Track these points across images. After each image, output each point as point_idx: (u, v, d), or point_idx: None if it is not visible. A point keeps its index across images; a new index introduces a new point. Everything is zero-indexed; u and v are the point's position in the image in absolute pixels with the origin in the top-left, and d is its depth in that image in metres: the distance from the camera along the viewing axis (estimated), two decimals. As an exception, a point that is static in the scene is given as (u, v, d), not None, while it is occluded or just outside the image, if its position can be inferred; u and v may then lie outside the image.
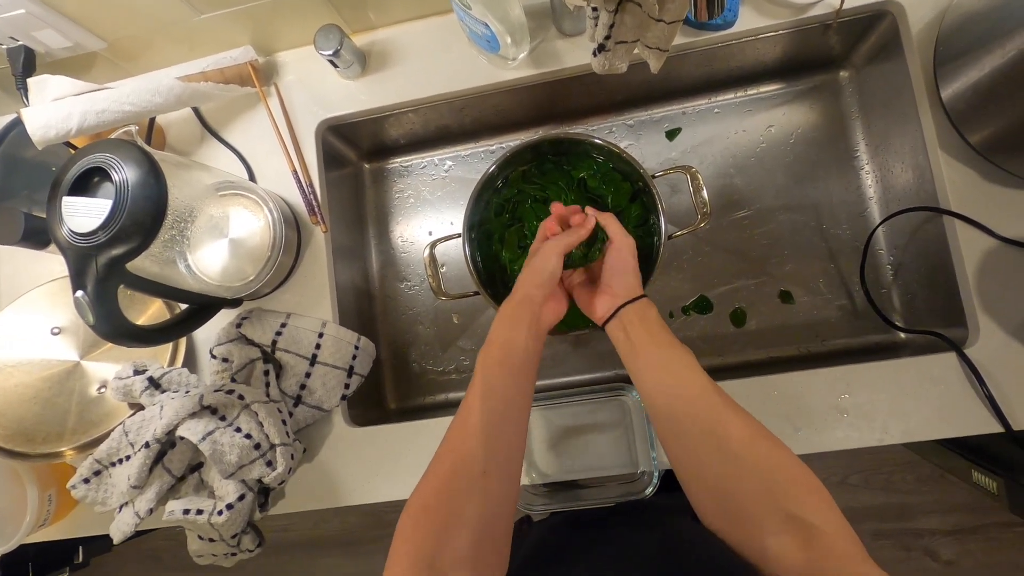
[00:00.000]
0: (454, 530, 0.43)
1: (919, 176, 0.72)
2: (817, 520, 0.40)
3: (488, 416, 0.49)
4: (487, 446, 0.48)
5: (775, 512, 0.42)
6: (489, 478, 0.47)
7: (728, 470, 0.45)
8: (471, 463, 0.47)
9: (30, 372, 0.74)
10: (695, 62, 0.79)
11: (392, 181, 0.96)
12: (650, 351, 0.54)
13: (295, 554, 1.67)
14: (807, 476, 0.43)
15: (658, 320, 0.56)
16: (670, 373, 0.52)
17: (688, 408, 0.49)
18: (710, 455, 0.46)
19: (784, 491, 0.43)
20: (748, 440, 0.45)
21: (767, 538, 0.41)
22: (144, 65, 0.82)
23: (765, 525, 0.42)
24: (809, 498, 0.42)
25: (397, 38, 0.81)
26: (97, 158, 0.54)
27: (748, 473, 0.44)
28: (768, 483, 0.43)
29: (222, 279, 0.71)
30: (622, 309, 0.57)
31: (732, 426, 0.46)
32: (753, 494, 0.43)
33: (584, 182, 0.79)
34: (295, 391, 0.73)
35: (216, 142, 0.83)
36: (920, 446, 1.04)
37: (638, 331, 0.55)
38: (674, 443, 0.50)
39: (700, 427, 0.48)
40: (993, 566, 1.39)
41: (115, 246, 0.53)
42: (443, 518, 0.44)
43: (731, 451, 0.45)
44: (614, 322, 0.57)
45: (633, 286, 0.58)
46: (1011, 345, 0.63)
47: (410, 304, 0.92)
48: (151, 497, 0.65)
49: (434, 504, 0.45)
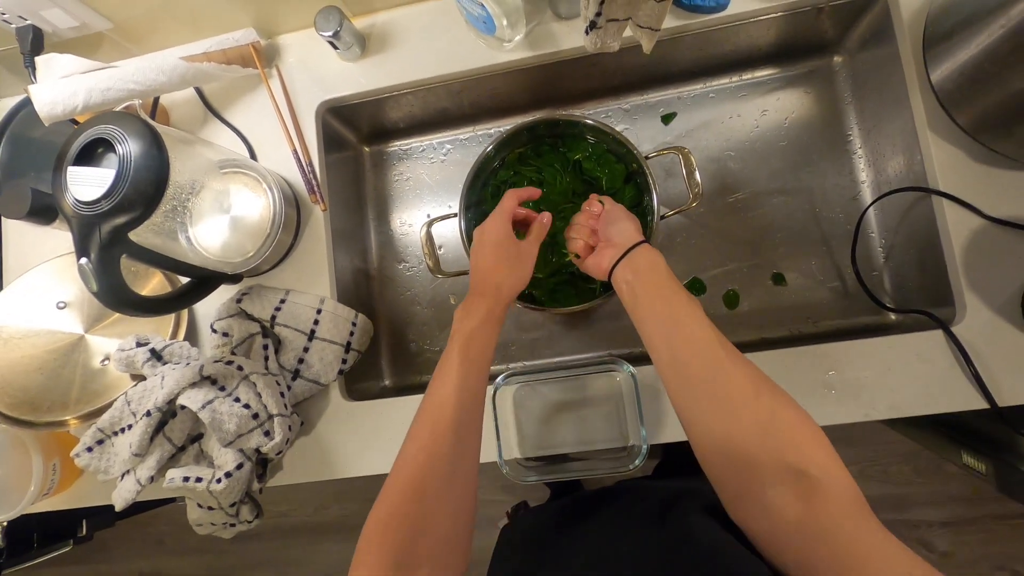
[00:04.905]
0: (422, 532, 0.43)
1: (910, 159, 0.73)
2: (817, 472, 0.39)
3: (461, 414, 0.49)
4: (457, 445, 0.48)
5: (774, 463, 0.41)
6: (456, 478, 0.47)
7: (729, 421, 0.44)
8: (441, 463, 0.47)
9: (36, 344, 0.76)
10: (689, 46, 0.80)
11: (391, 164, 0.97)
12: (655, 302, 0.52)
13: (295, 538, 1.69)
14: (809, 427, 0.42)
15: (663, 267, 0.55)
16: (674, 323, 0.50)
17: (691, 359, 0.48)
18: (712, 406, 0.46)
19: (785, 442, 0.42)
20: (751, 391, 0.44)
21: (766, 489, 0.40)
22: (149, 46, 0.83)
23: (764, 476, 0.41)
24: (810, 449, 0.41)
25: (396, 20, 0.82)
26: (101, 129, 0.56)
27: (749, 424, 0.43)
28: (768, 434, 0.42)
29: (222, 254, 0.73)
30: (624, 257, 0.56)
31: (734, 378, 0.46)
32: (753, 445, 0.42)
33: (579, 164, 0.80)
34: (293, 365, 0.75)
35: (218, 122, 0.84)
36: (911, 430, 1.05)
37: (643, 280, 0.54)
38: (678, 393, 0.49)
39: (702, 377, 0.47)
40: (988, 557, 1.39)
41: (118, 215, 0.55)
42: (412, 522, 0.44)
43: (733, 402, 0.45)
44: (618, 272, 0.56)
45: (631, 232, 0.58)
46: (996, 322, 0.64)
47: (408, 285, 0.94)
48: (152, 465, 0.67)
49: (403, 508, 0.45)
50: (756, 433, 0.43)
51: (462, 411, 0.49)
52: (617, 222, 0.59)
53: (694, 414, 0.47)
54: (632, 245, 0.57)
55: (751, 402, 0.44)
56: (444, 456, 0.47)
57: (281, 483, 0.76)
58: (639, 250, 0.56)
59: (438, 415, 0.49)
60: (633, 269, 0.55)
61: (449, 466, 0.47)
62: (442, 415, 0.49)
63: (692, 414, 0.47)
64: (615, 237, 0.58)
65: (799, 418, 0.43)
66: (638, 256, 0.56)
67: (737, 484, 0.43)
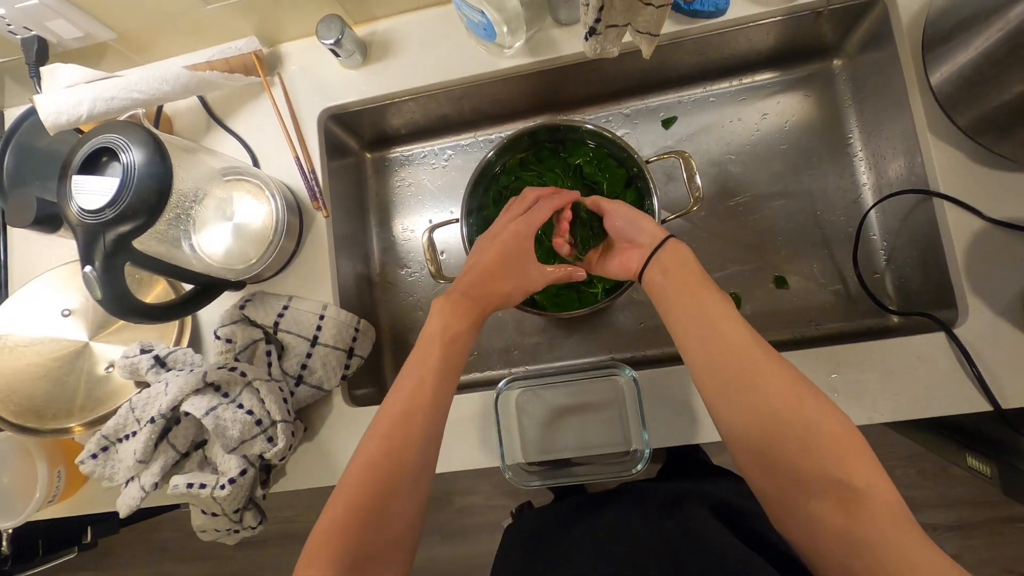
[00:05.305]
0: (378, 537, 0.43)
1: (910, 161, 0.73)
2: (860, 483, 0.38)
3: (432, 423, 0.48)
4: (425, 452, 0.47)
5: (817, 474, 0.39)
6: (420, 484, 0.47)
7: (769, 429, 0.42)
8: (407, 470, 0.46)
9: (41, 352, 0.76)
10: (689, 50, 0.80)
11: (393, 170, 0.97)
12: (687, 302, 0.50)
13: (300, 544, 1.66)
14: (853, 436, 0.40)
15: (693, 262, 0.52)
16: (709, 325, 0.48)
17: (727, 362, 0.46)
18: (750, 413, 0.43)
19: (826, 452, 0.40)
20: (790, 397, 0.42)
21: (809, 501, 0.39)
22: (152, 55, 0.84)
23: (806, 487, 0.39)
24: (854, 460, 0.39)
25: (397, 28, 0.83)
26: (105, 138, 0.56)
27: (788, 433, 0.41)
28: (809, 443, 0.40)
29: (226, 261, 0.73)
30: (655, 255, 0.53)
31: (773, 382, 0.43)
32: (795, 456, 0.40)
33: (580, 169, 0.80)
34: (296, 371, 0.75)
35: (221, 131, 0.85)
36: (914, 432, 1.04)
37: (673, 279, 0.51)
38: (713, 399, 0.47)
39: (739, 383, 0.44)
40: (996, 560, 1.38)
41: (122, 223, 0.55)
42: (371, 526, 0.43)
43: (771, 409, 0.42)
44: (648, 274, 0.53)
45: (653, 230, 0.55)
46: (999, 324, 0.64)
47: (411, 291, 0.94)
48: (156, 472, 0.67)
49: (364, 511, 0.44)
50: (798, 445, 0.41)
51: (434, 419, 0.48)
52: (635, 220, 0.56)
53: (732, 421, 0.45)
54: (659, 243, 0.53)
55: (793, 412, 0.42)
56: (412, 462, 0.46)
57: (284, 489, 0.76)
58: (667, 247, 0.53)
59: (409, 413, 0.48)
60: (662, 269, 0.52)
61: (415, 473, 0.46)
62: (413, 417, 0.47)
63: (730, 420, 0.45)
64: (638, 236, 0.55)
65: (842, 427, 0.41)
66: (666, 254, 0.53)
67: (779, 495, 0.42)
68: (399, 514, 0.45)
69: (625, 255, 0.56)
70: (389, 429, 0.47)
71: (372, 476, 0.46)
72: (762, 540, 0.50)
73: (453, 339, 0.51)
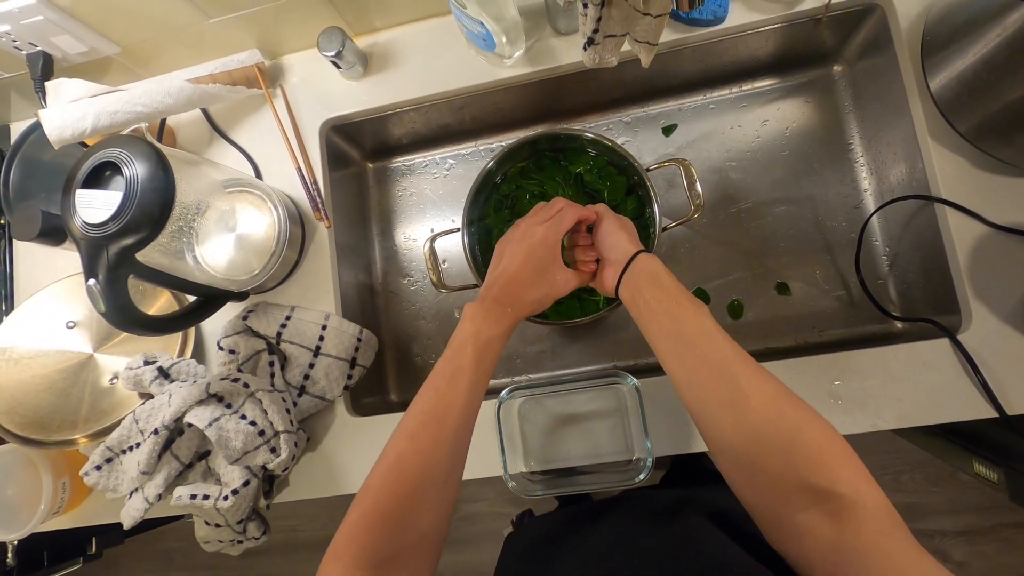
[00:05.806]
0: (404, 536, 0.43)
1: (911, 167, 0.72)
2: (846, 490, 0.38)
3: (463, 424, 0.48)
4: (454, 453, 0.47)
5: (801, 485, 0.39)
6: (448, 486, 0.46)
7: (751, 445, 0.42)
8: (436, 470, 0.46)
9: (45, 364, 0.77)
10: (689, 58, 0.80)
11: (395, 180, 0.98)
12: (661, 320, 0.50)
13: (304, 554, 1.68)
14: (835, 444, 0.40)
15: (663, 276, 0.52)
16: (684, 342, 0.48)
17: (705, 380, 0.46)
18: (732, 430, 0.43)
19: (809, 462, 0.40)
20: (770, 411, 0.42)
21: (797, 514, 0.38)
22: (156, 69, 0.85)
23: (793, 499, 0.39)
24: (838, 468, 0.39)
25: (398, 39, 0.84)
26: (109, 152, 0.57)
27: (771, 447, 0.41)
28: (792, 455, 0.40)
29: (228, 272, 0.73)
30: (625, 273, 0.54)
31: (752, 397, 0.43)
32: (778, 468, 0.40)
33: (581, 177, 0.80)
34: (299, 381, 0.75)
35: (224, 142, 0.86)
36: (921, 438, 1.04)
37: (645, 296, 0.51)
38: (696, 415, 0.47)
39: (719, 400, 0.44)
40: (1005, 567, 1.37)
41: (125, 236, 0.56)
42: (398, 524, 0.43)
43: (752, 425, 0.42)
44: (621, 292, 0.54)
45: (624, 246, 0.55)
46: (1003, 330, 0.64)
47: (413, 300, 0.94)
48: (160, 483, 0.68)
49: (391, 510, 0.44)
50: (782, 459, 0.41)
51: (465, 421, 0.48)
52: (609, 235, 0.57)
53: (715, 436, 0.45)
54: (628, 260, 0.54)
55: (773, 425, 0.42)
56: (441, 463, 0.46)
57: (288, 500, 0.76)
58: (635, 263, 0.54)
59: (442, 414, 0.47)
60: (633, 287, 0.53)
61: (444, 474, 0.46)
62: (446, 421, 0.47)
63: (714, 437, 0.45)
64: (610, 253, 0.56)
65: (824, 436, 0.41)
66: (635, 270, 0.54)
67: (767, 509, 0.42)
68: (426, 514, 0.45)
69: (604, 272, 0.57)
70: (419, 428, 0.47)
71: (401, 475, 0.45)
72: (764, 547, 0.50)
73: (486, 344, 0.51)
